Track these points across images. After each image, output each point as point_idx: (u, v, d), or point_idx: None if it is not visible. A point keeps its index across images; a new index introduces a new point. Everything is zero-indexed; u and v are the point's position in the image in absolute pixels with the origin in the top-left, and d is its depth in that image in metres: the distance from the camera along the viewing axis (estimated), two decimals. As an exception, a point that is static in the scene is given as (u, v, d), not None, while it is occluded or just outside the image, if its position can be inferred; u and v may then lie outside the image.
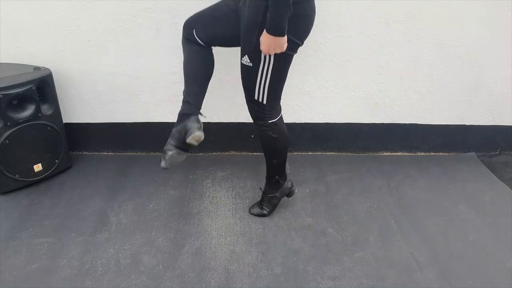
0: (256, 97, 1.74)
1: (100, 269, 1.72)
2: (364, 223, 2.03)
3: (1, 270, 1.69)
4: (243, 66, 1.70)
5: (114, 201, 2.12)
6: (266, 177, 2.01)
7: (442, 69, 2.40)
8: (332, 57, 2.31)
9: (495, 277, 1.75)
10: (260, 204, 2.06)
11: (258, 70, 1.66)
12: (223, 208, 2.10)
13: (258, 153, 2.59)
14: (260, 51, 1.59)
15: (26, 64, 2.21)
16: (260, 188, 2.08)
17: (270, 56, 1.62)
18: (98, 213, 2.03)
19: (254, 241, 1.90)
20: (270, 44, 1.54)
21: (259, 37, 1.56)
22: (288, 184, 2.03)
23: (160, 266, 1.74)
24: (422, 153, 2.67)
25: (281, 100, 2.48)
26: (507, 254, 1.87)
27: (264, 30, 1.52)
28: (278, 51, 1.56)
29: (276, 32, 1.50)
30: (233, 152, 2.60)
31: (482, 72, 2.42)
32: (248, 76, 1.71)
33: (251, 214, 2.05)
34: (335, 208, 2.13)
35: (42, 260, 1.74)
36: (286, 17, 1.48)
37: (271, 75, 1.67)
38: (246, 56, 1.65)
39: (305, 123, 2.52)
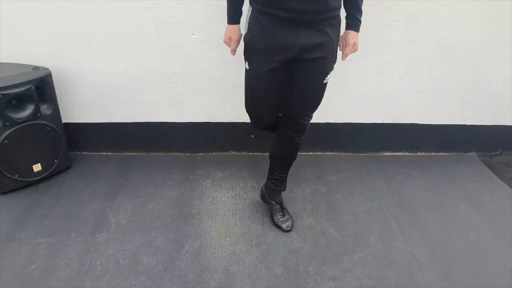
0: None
1: (100, 269, 1.71)
2: (365, 223, 2.02)
3: (1, 270, 1.69)
4: (324, 85, 1.68)
5: (114, 201, 2.11)
6: (282, 185, 2.01)
7: (442, 69, 2.39)
8: (332, 57, 2.31)
9: (495, 277, 1.75)
10: (283, 213, 2.01)
11: None
12: (223, 209, 2.09)
13: (258, 153, 2.59)
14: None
15: (26, 64, 2.21)
16: (280, 202, 2.04)
17: None
18: (97, 213, 2.02)
19: (254, 241, 1.89)
20: (357, 41, 1.68)
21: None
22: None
23: (160, 266, 1.74)
24: (423, 153, 2.67)
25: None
26: (507, 254, 1.86)
27: (353, 32, 1.65)
28: None
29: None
30: (233, 152, 2.60)
31: (482, 72, 2.41)
32: (324, 90, 1.71)
33: (290, 230, 1.97)
34: (335, 208, 2.12)
35: (42, 260, 1.74)
36: None
37: None
38: (330, 72, 1.65)
39: (305, 123, 2.51)
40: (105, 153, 2.54)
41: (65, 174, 2.31)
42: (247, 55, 1.65)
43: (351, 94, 2.44)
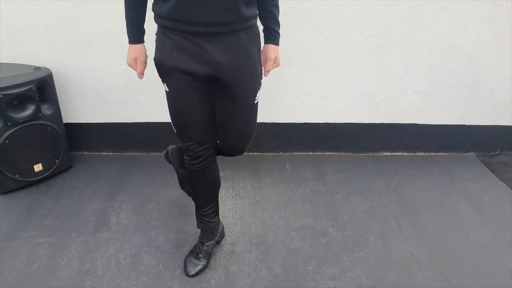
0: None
1: (100, 269, 1.72)
2: (364, 223, 2.03)
3: (1, 270, 1.69)
4: (255, 106, 1.51)
5: (114, 201, 2.12)
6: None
7: (442, 69, 2.40)
8: (332, 57, 2.32)
9: (495, 277, 1.75)
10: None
11: None
12: (223, 208, 2.09)
13: (258, 153, 2.60)
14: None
15: (26, 64, 2.21)
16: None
17: None
18: (98, 213, 2.03)
19: (254, 241, 1.90)
20: (278, 55, 1.53)
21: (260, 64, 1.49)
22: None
23: (160, 266, 1.74)
24: (422, 153, 2.67)
25: (281, 100, 2.49)
26: (507, 254, 1.87)
27: (273, 46, 1.48)
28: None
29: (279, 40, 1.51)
30: (233, 152, 2.60)
31: (482, 72, 2.42)
32: (255, 112, 1.54)
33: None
34: (335, 208, 2.13)
35: (42, 260, 1.75)
36: None
37: None
38: (258, 91, 1.50)
39: (305, 123, 2.52)
40: (105, 153, 2.54)
41: (66, 174, 2.32)
42: (163, 77, 1.44)
43: (350, 94, 2.44)
